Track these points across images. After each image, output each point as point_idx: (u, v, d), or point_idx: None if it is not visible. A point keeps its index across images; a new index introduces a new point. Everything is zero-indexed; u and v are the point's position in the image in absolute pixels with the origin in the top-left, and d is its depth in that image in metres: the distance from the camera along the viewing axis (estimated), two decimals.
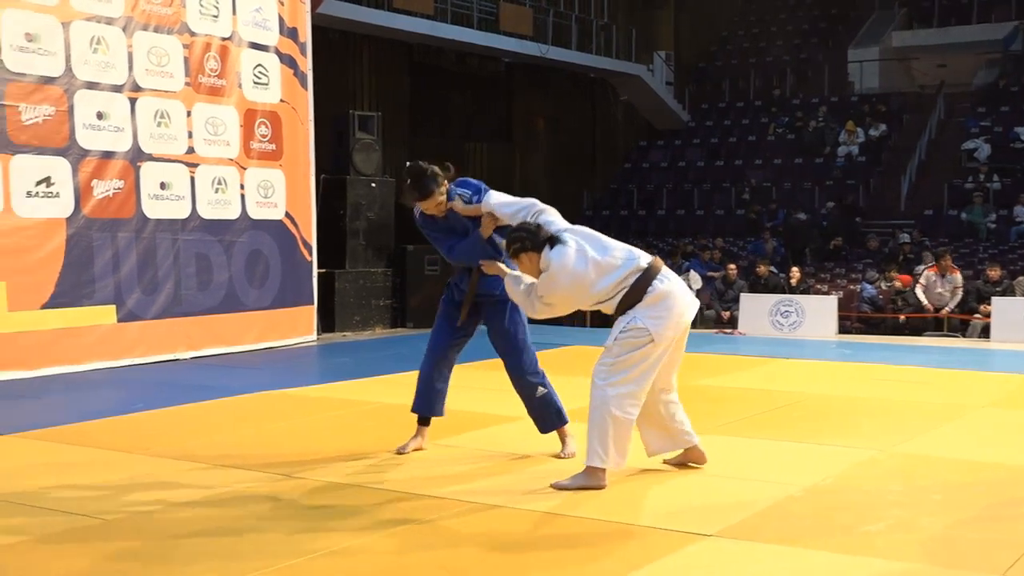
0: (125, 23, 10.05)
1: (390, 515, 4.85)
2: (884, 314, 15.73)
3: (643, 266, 5.35)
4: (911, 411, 7.55)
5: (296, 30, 11.86)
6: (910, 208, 21.65)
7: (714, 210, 23.42)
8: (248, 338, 11.21)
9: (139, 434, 6.82)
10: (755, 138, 25.21)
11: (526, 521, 4.75)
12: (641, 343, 5.19)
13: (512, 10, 22.32)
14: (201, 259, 10.77)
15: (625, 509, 4.91)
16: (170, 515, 4.86)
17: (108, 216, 9.93)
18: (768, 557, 4.25)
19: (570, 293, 5.31)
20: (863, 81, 26.07)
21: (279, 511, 4.94)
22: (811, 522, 4.70)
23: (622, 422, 5.20)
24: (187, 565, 4.19)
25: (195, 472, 5.69)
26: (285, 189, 11.72)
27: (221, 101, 10.99)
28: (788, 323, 14.71)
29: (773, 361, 10.46)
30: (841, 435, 6.62)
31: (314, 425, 7.11)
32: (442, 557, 4.30)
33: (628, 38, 25.75)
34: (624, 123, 27.59)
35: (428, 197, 5.68)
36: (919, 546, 4.37)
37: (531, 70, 24.33)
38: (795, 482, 5.35)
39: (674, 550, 4.29)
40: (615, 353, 5.23)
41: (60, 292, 9.52)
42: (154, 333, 10.29)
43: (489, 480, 5.53)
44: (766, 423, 7.05)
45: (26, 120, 9.26)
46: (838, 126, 23.86)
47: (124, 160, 10.06)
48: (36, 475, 5.73)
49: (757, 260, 17.78)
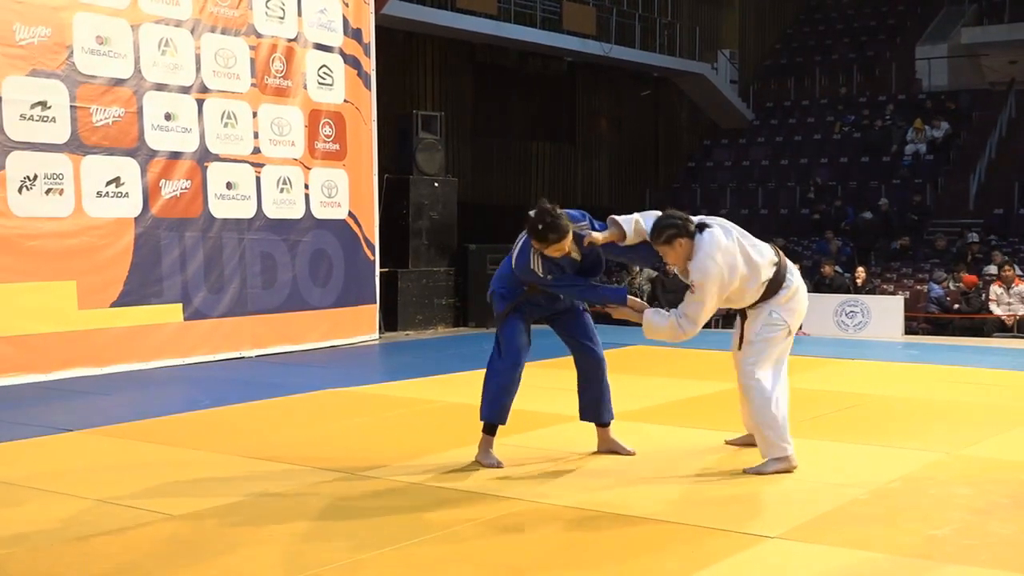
0: (193, 25, 10.18)
1: (450, 515, 4.87)
2: (951, 314, 15.50)
3: (776, 260, 5.51)
4: (980, 413, 7.43)
5: (360, 31, 11.95)
6: (979, 207, 21.30)
7: (779, 209, 23.21)
8: (312, 336, 11.31)
9: (205, 431, 6.91)
10: (820, 137, 24.94)
11: (590, 521, 4.74)
12: (779, 336, 5.52)
13: (575, 9, 22.28)
14: (266, 258, 10.89)
15: (689, 510, 4.88)
16: (234, 511, 4.91)
17: (176, 216, 10.07)
18: (832, 559, 4.20)
19: (721, 280, 5.33)
20: (931, 78, 25.68)
21: (342, 508, 4.98)
22: (877, 525, 4.65)
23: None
24: (252, 562, 4.23)
25: (260, 469, 5.74)
26: (348, 189, 11.80)
27: (286, 102, 11.10)
28: (853, 324, 14.54)
29: (838, 362, 10.34)
30: (908, 437, 6.53)
31: (377, 423, 7.15)
32: (505, 556, 4.30)
33: (692, 36, 25.60)
34: (688, 122, 27.44)
35: (566, 235, 5.45)
36: (987, 551, 4.30)
37: (594, 69, 24.28)
38: (861, 484, 5.29)
39: (738, 551, 4.26)
40: (758, 350, 5.51)
41: (128, 291, 9.67)
42: (220, 331, 10.41)
43: (553, 480, 5.52)
44: (831, 424, 6.98)
45: (97, 121, 9.42)
46: (905, 124, 23.54)
47: (191, 160, 10.20)
48: (104, 471, 5.83)
49: (822, 260, 17.60)
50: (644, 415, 7.17)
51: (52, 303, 9.15)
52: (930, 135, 22.94)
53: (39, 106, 9.03)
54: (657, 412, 7.15)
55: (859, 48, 27.63)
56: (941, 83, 25.50)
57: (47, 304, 9.12)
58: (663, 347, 11.38)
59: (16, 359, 8.88)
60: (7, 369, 8.81)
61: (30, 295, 9.00)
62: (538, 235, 5.44)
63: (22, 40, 8.92)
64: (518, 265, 5.64)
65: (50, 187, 9.12)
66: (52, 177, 9.13)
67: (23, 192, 8.94)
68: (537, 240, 5.46)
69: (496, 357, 5.82)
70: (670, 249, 5.36)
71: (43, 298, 9.09)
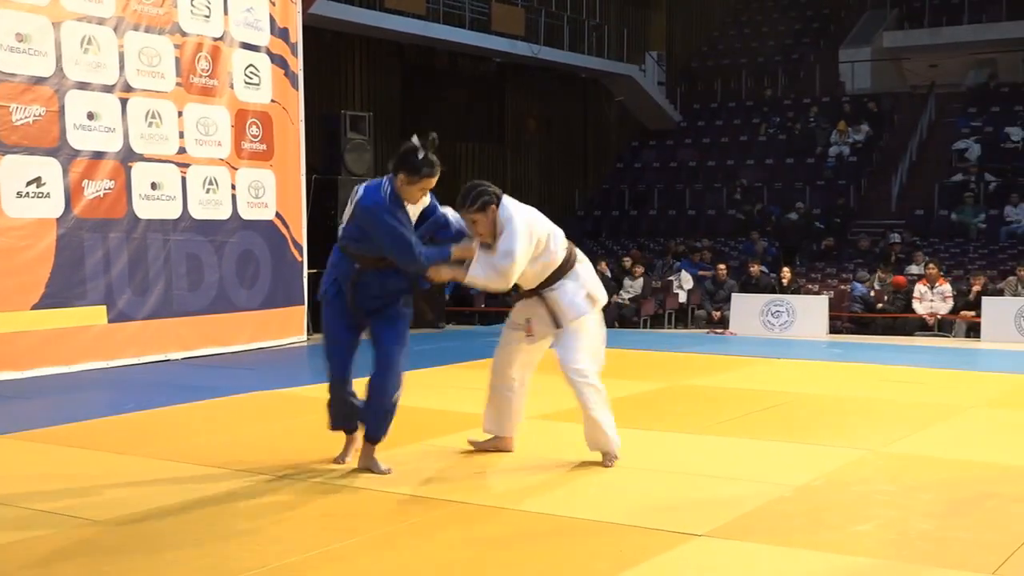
0: (116, 23, 10.03)
1: (378, 515, 4.85)
2: (874, 314, 15.77)
3: (567, 245, 5.70)
4: (901, 411, 7.57)
5: (287, 30, 11.85)
6: (900, 208, 21.70)
7: (706, 210, 23.45)
8: (239, 338, 11.20)
9: (131, 435, 6.81)
10: (747, 138, 25.25)
11: (514, 521, 4.75)
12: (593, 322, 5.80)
13: (504, 10, 22.33)
14: (192, 259, 10.76)
15: (615, 508, 4.91)
16: (161, 517, 4.85)
17: (99, 216, 9.91)
18: (759, 557, 4.26)
19: (530, 231, 5.44)
20: (854, 81, 26.12)
21: (271, 512, 4.94)
22: (801, 522, 4.71)
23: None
24: (178, 567, 4.18)
25: (186, 473, 5.68)
26: (276, 189, 11.71)
27: (212, 101, 10.98)
28: (779, 323, 14.74)
29: (764, 361, 10.47)
30: (831, 435, 6.63)
31: (304, 426, 7.09)
32: (430, 558, 4.29)
33: (620, 38, 25.77)
34: (616, 123, 27.61)
35: (437, 174, 5.25)
36: (910, 545, 4.38)
37: (523, 70, 24.33)
38: (785, 482, 5.36)
39: (664, 550, 4.29)
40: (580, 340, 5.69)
41: (51, 292, 9.49)
42: (145, 334, 10.27)
43: (476, 480, 5.53)
44: (756, 423, 7.07)
45: (16, 120, 9.24)
46: (829, 126, 23.90)
47: (115, 160, 10.05)
48: (26, 477, 5.72)
49: (748, 260, 17.81)
50: (565, 416, 7.18)
51: None
52: (853, 137, 23.32)
53: None
54: (576, 412, 7.18)
55: (784, 51, 28.01)
56: (864, 86, 25.95)
57: None
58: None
59: None
60: None
61: None
62: (413, 165, 5.17)
63: None
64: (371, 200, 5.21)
65: None
66: None
67: None
68: (408, 171, 5.18)
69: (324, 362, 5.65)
70: (483, 216, 5.38)
71: None
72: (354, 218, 5.35)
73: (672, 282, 17.98)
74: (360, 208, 5.28)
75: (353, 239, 5.38)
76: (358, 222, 5.33)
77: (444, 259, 5.41)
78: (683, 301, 17.67)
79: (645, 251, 20.99)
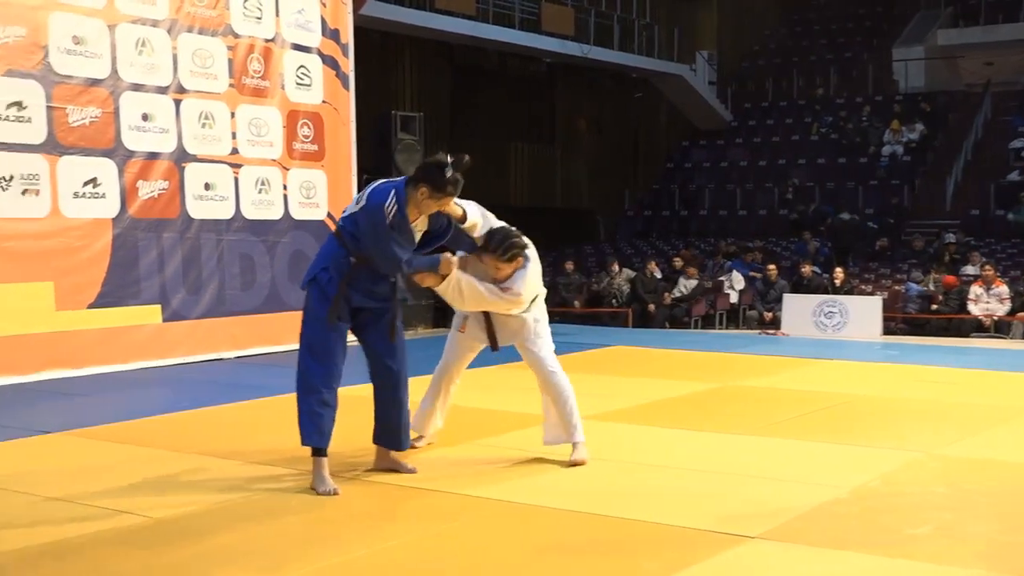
0: (170, 25, 10.14)
1: (425, 514, 4.86)
2: (929, 315, 15.58)
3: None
4: (957, 413, 7.47)
5: (338, 31, 11.91)
6: (955, 208, 21.43)
7: (757, 210, 23.30)
8: (291, 338, 11.09)
9: (184, 433, 6.88)
10: (798, 138, 25.06)
11: (565, 521, 4.74)
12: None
13: (554, 10, 22.31)
14: (244, 259, 10.85)
15: (667, 510, 4.88)
16: (214, 514, 4.89)
17: (153, 216, 10.02)
18: (812, 560, 4.21)
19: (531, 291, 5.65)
20: (908, 80, 25.84)
21: (321, 510, 4.96)
22: (856, 525, 4.66)
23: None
24: (231, 563, 4.21)
25: (238, 471, 5.72)
26: (327, 189, 11.77)
27: (264, 102, 11.07)
28: (832, 324, 14.61)
29: (817, 362, 10.38)
30: (886, 437, 6.56)
31: (355, 424, 7.12)
32: (476, 557, 4.29)
33: (670, 38, 25.67)
34: (667, 123, 27.50)
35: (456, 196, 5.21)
36: (965, 550, 4.32)
37: (573, 70, 24.30)
38: (840, 484, 5.31)
39: (716, 552, 4.26)
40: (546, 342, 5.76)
41: (106, 292, 9.61)
42: (198, 333, 10.37)
43: (526, 480, 5.51)
44: (810, 424, 7.00)
45: (73, 122, 9.37)
46: (882, 125, 23.66)
47: (169, 161, 10.15)
48: (83, 473, 5.79)
49: (800, 261, 17.68)
50: (618, 416, 7.17)
51: (30, 304, 9.09)
52: (906, 136, 23.07)
53: (15, 106, 8.97)
54: (629, 413, 7.15)
55: (836, 49, 27.78)
56: (918, 84, 25.67)
57: (25, 305, 9.06)
58: (640, 348, 11.41)
59: None
60: None
61: (7, 296, 8.94)
62: (439, 182, 5.04)
63: None
64: (372, 207, 5.07)
65: (26, 188, 9.06)
66: (28, 178, 9.07)
67: None
68: (433, 187, 5.06)
69: (299, 363, 5.32)
70: (508, 266, 5.50)
71: (20, 299, 9.03)
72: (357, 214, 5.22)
73: (723, 282, 17.89)
74: (363, 210, 5.16)
75: (350, 233, 5.24)
76: (359, 218, 5.20)
77: (432, 268, 5.31)
78: (734, 301, 17.57)
79: (695, 251, 20.90)
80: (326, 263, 5.28)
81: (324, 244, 5.45)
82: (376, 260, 5.19)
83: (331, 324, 5.23)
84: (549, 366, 5.74)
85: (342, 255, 5.25)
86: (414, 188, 5.13)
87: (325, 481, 5.19)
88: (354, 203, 5.35)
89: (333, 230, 5.38)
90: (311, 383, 5.27)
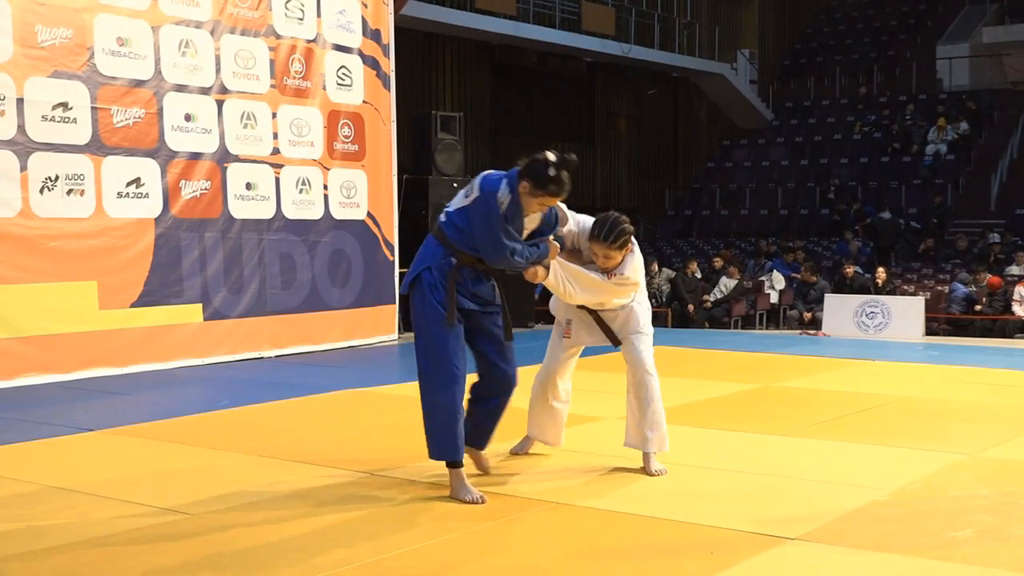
0: (213, 26, 10.22)
1: (470, 513, 4.87)
2: (972, 315, 15.42)
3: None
4: (1001, 415, 7.39)
5: (379, 32, 11.96)
6: (1000, 207, 21.20)
7: (798, 209, 23.17)
8: (331, 337, 11.34)
9: (225, 431, 6.93)
10: (840, 137, 24.89)
11: (607, 521, 4.74)
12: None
13: (594, 9, 22.29)
14: (285, 259, 10.91)
15: (707, 511, 4.87)
16: (255, 511, 4.93)
17: (195, 216, 10.11)
18: (852, 562, 4.19)
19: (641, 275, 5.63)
20: (952, 78, 25.60)
21: (362, 508, 4.98)
22: (897, 527, 4.63)
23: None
24: (271, 560, 4.24)
25: (280, 469, 5.76)
26: (367, 189, 11.82)
27: (305, 103, 11.13)
28: (874, 324, 14.49)
29: (858, 363, 10.30)
30: (928, 439, 6.50)
31: (396, 423, 7.16)
32: (523, 556, 4.30)
33: (711, 37, 25.57)
34: (707, 122, 27.40)
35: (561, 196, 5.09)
36: (1009, 554, 4.27)
37: (614, 70, 24.27)
38: (881, 486, 5.27)
39: (756, 553, 4.25)
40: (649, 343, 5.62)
41: (149, 291, 9.71)
42: (239, 332, 10.45)
43: (570, 480, 5.51)
44: (851, 425, 6.95)
45: (117, 122, 9.47)
46: (926, 124, 23.44)
47: (211, 161, 10.23)
48: (125, 471, 5.85)
49: (843, 261, 17.56)
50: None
51: (73, 303, 9.20)
52: (951, 135, 22.85)
53: (60, 107, 9.08)
54: (669, 414, 7.12)
55: (879, 47, 27.56)
56: (962, 82, 25.42)
57: (68, 304, 9.16)
58: (680, 348, 11.37)
59: (37, 359, 8.93)
60: (29, 369, 8.86)
61: (51, 295, 9.05)
62: (541, 179, 4.92)
63: (44, 42, 8.97)
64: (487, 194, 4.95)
65: (71, 188, 9.17)
66: (73, 178, 9.18)
67: (44, 193, 8.98)
68: (534, 183, 4.94)
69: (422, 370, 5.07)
70: (618, 253, 5.39)
71: (64, 298, 9.14)
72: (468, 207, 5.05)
73: (764, 282, 17.80)
74: (476, 200, 5.01)
75: (456, 227, 5.07)
76: (470, 210, 5.03)
77: (542, 258, 5.18)
78: (775, 301, 17.47)
79: (736, 251, 20.80)
80: (428, 263, 5.08)
81: (423, 246, 5.19)
82: (486, 250, 4.99)
83: (449, 325, 5.00)
84: (648, 366, 5.58)
85: (442, 254, 5.07)
86: (520, 183, 5.01)
87: (470, 490, 5.03)
88: (461, 197, 5.14)
89: (432, 231, 5.16)
90: (436, 394, 5.03)
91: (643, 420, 5.57)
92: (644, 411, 5.56)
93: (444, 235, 5.08)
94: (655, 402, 5.55)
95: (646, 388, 5.56)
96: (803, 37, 29.45)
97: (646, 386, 5.56)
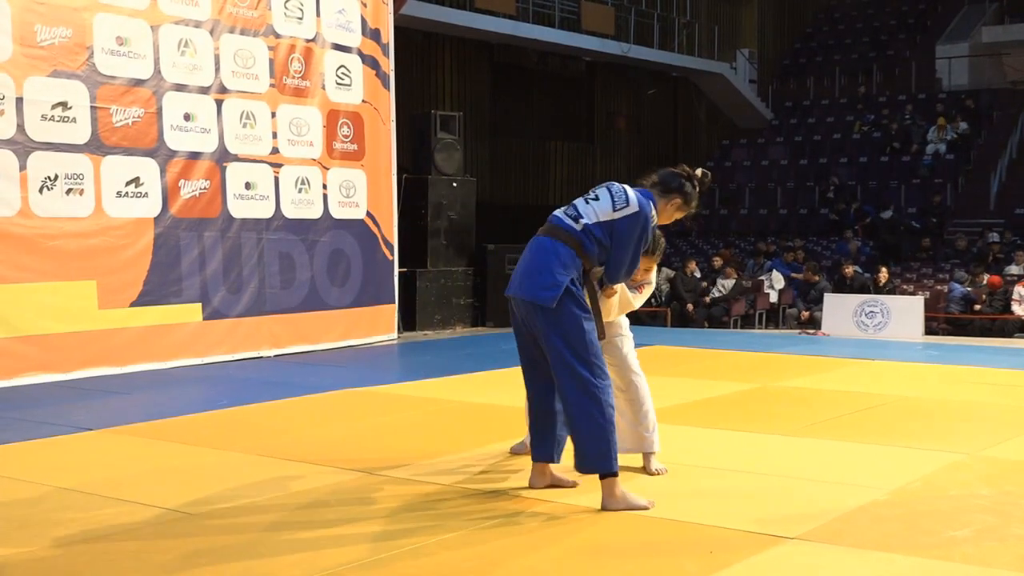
0: (212, 26, 10.22)
1: (470, 513, 4.86)
2: (972, 315, 15.43)
3: None
4: (1001, 414, 7.39)
5: (379, 31, 11.96)
6: (999, 207, 21.20)
7: (798, 209, 23.16)
8: (330, 336, 11.34)
9: (224, 430, 6.93)
10: (840, 136, 24.88)
11: (606, 521, 4.74)
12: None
13: (594, 9, 22.29)
14: (284, 258, 10.92)
15: (707, 510, 4.86)
16: (254, 511, 4.92)
17: (195, 216, 10.11)
18: (851, 561, 4.18)
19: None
20: (951, 78, 25.60)
21: (361, 508, 4.98)
22: (896, 526, 4.62)
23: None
24: (270, 560, 4.24)
25: (279, 468, 5.76)
26: (367, 189, 11.82)
27: (305, 102, 11.13)
28: (873, 324, 14.49)
29: (858, 362, 10.30)
30: (927, 438, 6.50)
31: (396, 423, 7.17)
32: (523, 557, 4.30)
33: (711, 36, 25.57)
34: (707, 122, 27.40)
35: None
36: (1008, 553, 4.27)
37: (613, 69, 24.27)
38: (880, 485, 5.27)
39: (756, 553, 4.24)
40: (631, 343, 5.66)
41: (148, 290, 9.71)
42: (239, 331, 10.45)
43: (569, 479, 5.50)
44: (850, 425, 6.95)
45: (117, 122, 9.47)
46: (926, 123, 23.45)
47: (210, 160, 10.24)
48: (125, 470, 5.85)
49: (842, 260, 17.57)
50: (656, 416, 7.14)
51: (72, 303, 9.20)
52: (950, 134, 22.86)
53: (60, 107, 9.08)
54: (668, 413, 7.13)
55: (879, 47, 27.56)
56: (961, 82, 25.43)
57: (67, 304, 9.17)
58: (679, 347, 11.38)
59: (37, 358, 8.93)
60: (28, 368, 8.86)
61: (51, 295, 9.05)
62: (690, 196, 5.06)
63: (43, 41, 8.97)
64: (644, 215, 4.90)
65: (70, 187, 9.17)
66: (72, 177, 9.18)
67: (44, 192, 8.98)
68: (685, 200, 5.07)
69: (591, 380, 4.80)
70: (654, 263, 5.56)
71: (63, 298, 9.14)
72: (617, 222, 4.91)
73: (763, 282, 17.80)
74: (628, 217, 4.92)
75: (596, 240, 4.90)
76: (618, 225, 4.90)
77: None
78: (774, 301, 17.48)
79: (735, 250, 20.79)
80: (571, 274, 4.84)
81: (554, 252, 4.87)
82: (618, 267, 4.96)
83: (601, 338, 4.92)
84: (634, 367, 5.60)
85: (579, 266, 4.89)
86: (667, 198, 5.05)
87: (635, 498, 4.87)
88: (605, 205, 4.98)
89: (562, 237, 4.90)
90: (602, 407, 4.81)
91: (637, 421, 5.58)
92: (637, 412, 5.57)
93: (581, 245, 4.88)
94: (646, 402, 5.59)
95: (636, 389, 5.59)
96: (803, 37, 29.45)
97: (635, 387, 5.59)
